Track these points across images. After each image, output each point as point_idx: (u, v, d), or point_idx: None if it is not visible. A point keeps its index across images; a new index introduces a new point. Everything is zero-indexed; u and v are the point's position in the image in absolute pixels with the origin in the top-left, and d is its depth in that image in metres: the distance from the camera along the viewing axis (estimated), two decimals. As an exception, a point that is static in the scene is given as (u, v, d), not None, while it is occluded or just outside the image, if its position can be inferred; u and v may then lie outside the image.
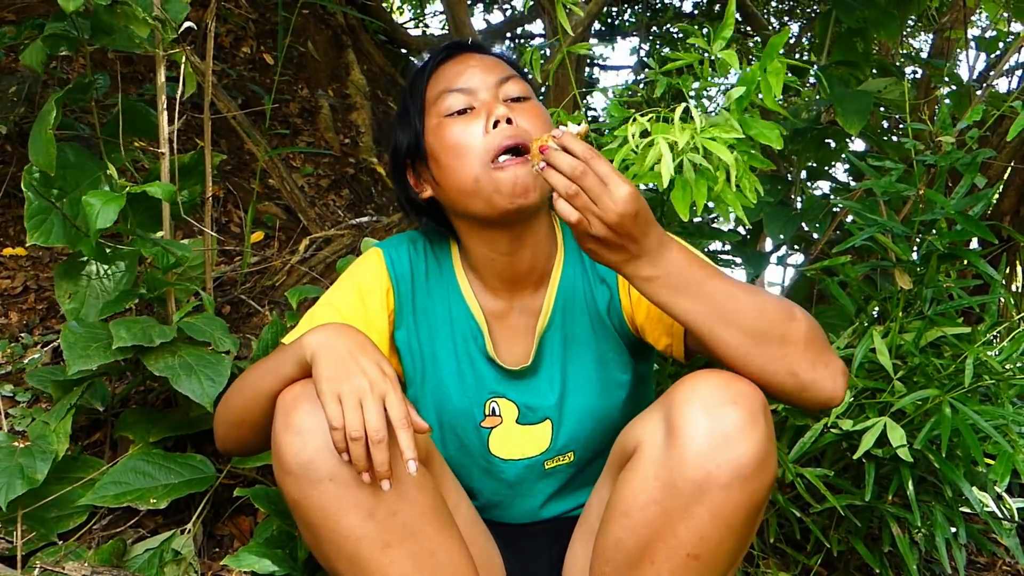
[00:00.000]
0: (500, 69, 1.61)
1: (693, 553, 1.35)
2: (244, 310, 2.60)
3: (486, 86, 1.58)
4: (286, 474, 1.34)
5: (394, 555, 1.37)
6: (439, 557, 1.41)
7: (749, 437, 1.32)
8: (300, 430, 1.33)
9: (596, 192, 1.27)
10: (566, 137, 1.30)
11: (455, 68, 1.61)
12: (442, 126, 1.56)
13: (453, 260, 1.70)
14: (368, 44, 5.14)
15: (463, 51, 1.65)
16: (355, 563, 1.37)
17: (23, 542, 1.76)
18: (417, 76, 1.64)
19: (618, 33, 7.94)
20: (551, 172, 1.29)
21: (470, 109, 1.56)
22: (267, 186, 3.49)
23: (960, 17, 3.81)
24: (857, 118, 2.53)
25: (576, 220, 1.29)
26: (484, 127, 1.53)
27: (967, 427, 1.79)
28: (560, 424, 1.66)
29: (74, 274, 2.00)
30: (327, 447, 1.31)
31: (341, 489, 1.33)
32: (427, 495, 1.42)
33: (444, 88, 1.59)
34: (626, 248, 1.31)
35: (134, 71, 3.50)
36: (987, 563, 2.48)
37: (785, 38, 1.65)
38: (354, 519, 1.34)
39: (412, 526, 1.38)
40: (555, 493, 1.71)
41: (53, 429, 1.85)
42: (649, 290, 1.35)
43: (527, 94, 1.60)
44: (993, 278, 2.00)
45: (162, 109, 2.00)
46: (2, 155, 2.80)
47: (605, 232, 1.29)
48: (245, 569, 1.71)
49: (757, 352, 1.36)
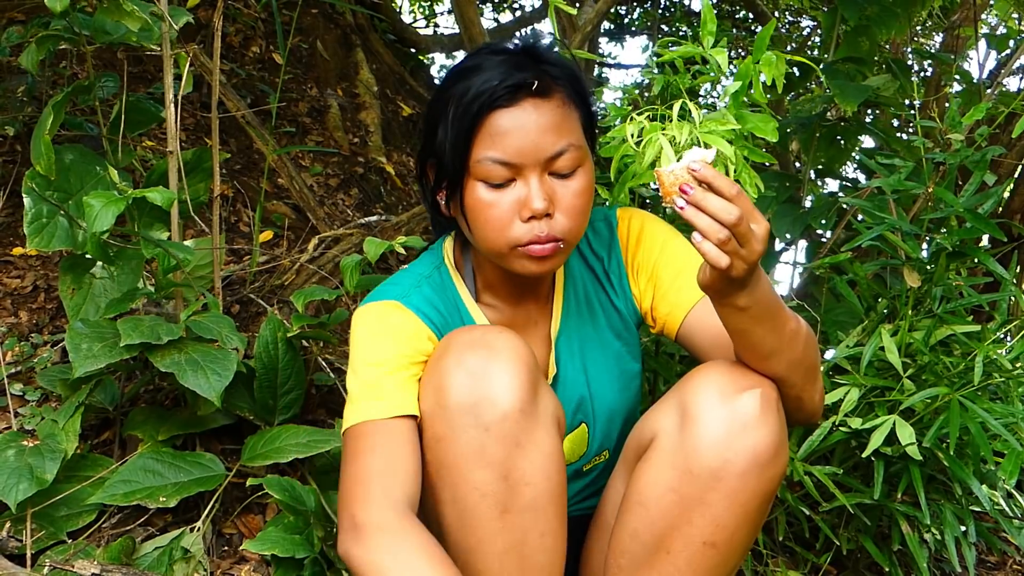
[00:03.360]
0: (556, 133, 1.42)
1: (709, 541, 1.35)
2: (253, 309, 2.60)
3: (536, 162, 1.41)
4: (442, 408, 1.34)
5: (509, 523, 1.36)
6: (547, 541, 1.40)
7: (765, 424, 1.33)
8: (473, 372, 1.33)
9: (747, 236, 1.18)
10: (707, 171, 1.18)
11: (507, 123, 1.41)
12: (477, 191, 1.43)
13: (464, 302, 1.61)
14: (377, 43, 5.14)
15: (523, 95, 1.42)
16: (467, 518, 1.36)
17: (32, 540, 1.76)
18: (466, 107, 1.42)
19: (627, 32, 7.92)
20: (696, 214, 1.18)
21: (511, 181, 1.43)
22: (276, 185, 3.49)
23: (970, 15, 3.79)
24: (853, 98, 2.53)
25: (727, 265, 1.19)
26: (519, 212, 1.42)
27: (976, 425, 1.79)
28: (595, 425, 1.66)
29: (78, 271, 2.00)
30: (494, 397, 1.32)
31: (492, 440, 1.32)
32: (561, 478, 1.41)
33: (488, 154, 1.41)
34: (743, 282, 1.24)
35: (143, 70, 3.50)
36: (997, 562, 2.47)
37: (771, 30, 1.65)
38: (488, 475, 1.33)
39: (538, 502, 1.37)
40: (584, 490, 1.71)
41: (62, 428, 1.85)
42: (736, 318, 1.30)
43: (579, 163, 1.45)
44: (1003, 276, 1.99)
45: (170, 107, 2.00)
46: (11, 154, 2.81)
47: (742, 273, 1.21)
48: (265, 552, 1.70)
49: (789, 376, 1.37)
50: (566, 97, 1.46)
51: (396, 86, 5.07)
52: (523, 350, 1.37)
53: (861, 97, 2.54)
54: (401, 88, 5.11)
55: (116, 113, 2.09)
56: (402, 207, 4.09)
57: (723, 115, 1.69)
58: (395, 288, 1.57)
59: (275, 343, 2.11)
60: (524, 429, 1.34)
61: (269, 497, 1.96)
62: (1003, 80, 3.05)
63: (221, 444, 2.11)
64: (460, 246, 1.64)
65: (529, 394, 1.34)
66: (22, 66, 2.05)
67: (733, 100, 1.71)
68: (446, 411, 1.34)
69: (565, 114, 1.45)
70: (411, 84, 5.23)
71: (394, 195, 4.17)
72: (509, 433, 1.32)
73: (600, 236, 1.67)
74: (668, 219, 1.87)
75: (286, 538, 1.72)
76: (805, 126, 2.83)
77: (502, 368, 1.33)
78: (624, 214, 1.68)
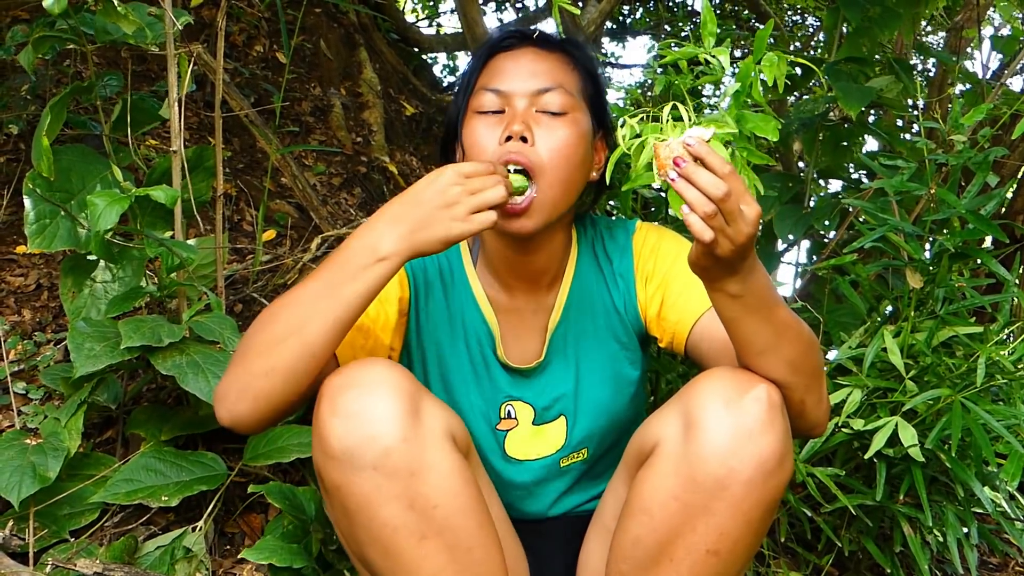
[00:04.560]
0: (549, 75, 1.56)
1: (712, 549, 1.35)
2: (256, 308, 2.61)
3: (524, 92, 1.54)
4: (329, 459, 1.32)
5: (429, 548, 1.34)
6: (475, 554, 1.38)
7: (770, 432, 1.32)
8: (348, 415, 1.31)
9: (734, 214, 1.20)
10: (701, 147, 1.21)
11: (506, 62, 1.58)
12: (471, 120, 1.56)
13: (464, 264, 1.68)
14: (380, 42, 5.14)
15: (524, 43, 1.60)
16: (389, 553, 1.35)
17: (35, 539, 1.77)
18: (476, 56, 1.62)
19: (630, 32, 7.92)
20: (686, 186, 1.20)
21: (500, 112, 1.54)
22: (279, 184, 3.49)
23: (974, 16, 3.79)
24: (857, 101, 2.53)
25: (710, 239, 1.21)
26: (500, 137, 1.51)
27: (979, 427, 1.79)
28: (575, 420, 1.66)
29: (80, 272, 2.00)
30: (373, 435, 1.30)
31: (384, 478, 1.31)
32: (470, 490, 1.39)
33: (486, 83, 1.57)
34: (733, 266, 1.26)
35: (146, 69, 3.51)
36: (999, 563, 2.47)
37: (770, 29, 1.65)
38: (394, 509, 1.32)
39: (452, 520, 1.35)
40: (566, 491, 1.71)
41: (65, 426, 1.85)
42: (727, 305, 1.31)
43: (568, 108, 1.55)
44: (1005, 277, 1.99)
45: (173, 106, 2.00)
46: (15, 153, 2.81)
47: (729, 252, 1.22)
48: (263, 561, 1.70)
49: (790, 379, 1.37)
50: (571, 62, 1.60)
51: (399, 85, 5.07)
52: (395, 376, 1.34)
53: (865, 100, 2.54)
54: (404, 87, 5.11)
55: (119, 112, 2.09)
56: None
57: (722, 117, 1.69)
58: None
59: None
60: (414, 456, 1.32)
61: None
62: (1006, 81, 3.05)
63: (223, 443, 2.11)
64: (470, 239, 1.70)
65: (410, 420, 1.32)
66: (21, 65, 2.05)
67: (734, 100, 1.71)
68: (333, 460, 1.32)
69: (565, 70, 1.59)
70: (414, 83, 5.23)
71: (397, 194, 4.17)
72: (400, 465, 1.30)
73: (616, 241, 1.71)
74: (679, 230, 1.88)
75: (284, 547, 1.72)
76: (807, 126, 2.83)
77: (376, 402, 1.31)
78: (643, 226, 1.73)
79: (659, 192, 2.23)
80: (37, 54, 2.01)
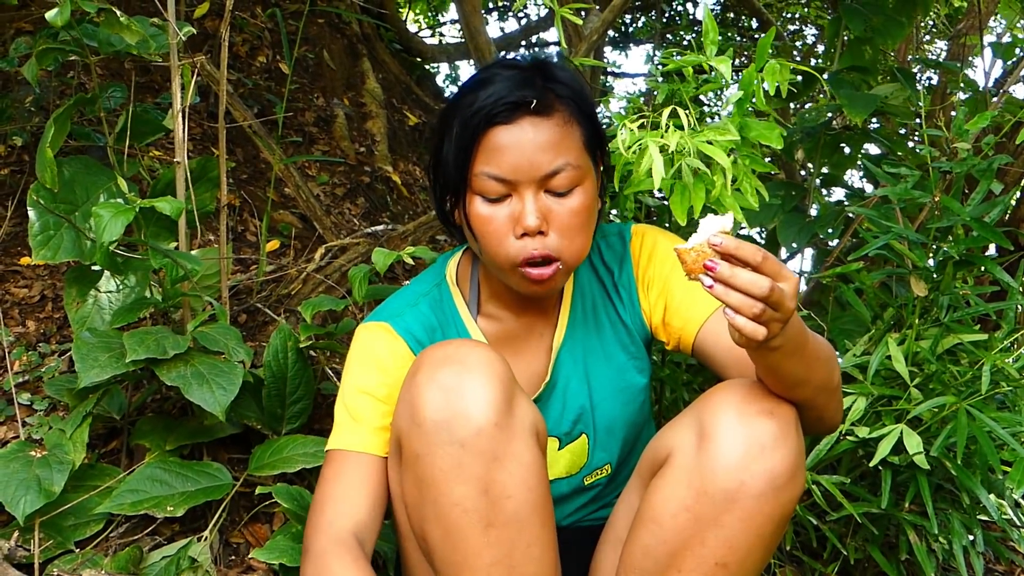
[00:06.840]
0: (553, 150, 1.45)
1: (722, 562, 1.35)
2: (260, 319, 2.61)
3: (531, 179, 1.44)
4: (416, 426, 1.33)
5: (493, 537, 1.34)
6: (534, 551, 1.38)
7: (783, 447, 1.32)
8: (446, 388, 1.32)
9: (781, 301, 1.15)
10: (729, 243, 1.15)
11: (504, 139, 1.44)
12: (477, 205, 1.48)
13: (464, 320, 1.65)
14: (383, 52, 5.15)
15: (521, 113, 1.44)
16: (451, 534, 1.35)
17: (40, 550, 1.76)
18: (467, 122, 1.46)
19: (632, 41, 7.94)
20: (726, 291, 1.16)
21: (506, 197, 1.46)
22: (283, 195, 3.50)
23: (976, 23, 3.79)
24: (862, 110, 2.53)
25: (764, 336, 1.17)
26: (514, 228, 1.46)
27: (984, 434, 1.78)
28: (595, 437, 1.66)
29: (84, 283, 2.01)
30: (467, 413, 1.31)
31: (468, 456, 1.31)
32: (543, 488, 1.39)
33: (485, 169, 1.45)
34: (776, 334, 1.21)
35: (150, 80, 3.52)
36: (1005, 571, 2.46)
37: (771, 37, 1.66)
38: (469, 490, 1.32)
39: (521, 514, 1.35)
40: (586, 505, 1.71)
41: (69, 437, 1.85)
42: (766, 356, 1.27)
43: (576, 182, 1.47)
44: (1010, 285, 1.99)
45: (177, 117, 2.00)
46: (19, 164, 2.82)
47: (777, 331, 1.19)
48: (273, 561, 1.70)
49: (816, 400, 1.38)
50: (569, 116, 1.49)
51: (402, 95, 5.08)
52: (496, 363, 1.36)
53: (870, 108, 2.54)
54: (407, 97, 5.12)
55: (122, 123, 2.10)
56: (408, 216, 4.09)
57: (724, 125, 1.69)
58: (391, 307, 1.65)
59: (285, 353, 2.11)
60: (501, 442, 1.33)
61: (276, 506, 1.96)
62: (1009, 88, 3.05)
63: (228, 453, 2.12)
64: (471, 256, 1.67)
65: (504, 407, 1.33)
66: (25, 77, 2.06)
67: (737, 108, 1.72)
68: (421, 428, 1.33)
69: (565, 133, 1.47)
70: (417, 93, 5.24)
71: (400, 204, 4.18)
72: (485, 447, 1.31)
73: (613, 249, 1.69)
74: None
75: (295, 547, 1.72)
76: (811, 135, 2.83)
77: (475, 382, 1.32)
78: (638, 230, 1.71)
79: (662, 200, 2.23)
80: (41, 66, 2.02)
